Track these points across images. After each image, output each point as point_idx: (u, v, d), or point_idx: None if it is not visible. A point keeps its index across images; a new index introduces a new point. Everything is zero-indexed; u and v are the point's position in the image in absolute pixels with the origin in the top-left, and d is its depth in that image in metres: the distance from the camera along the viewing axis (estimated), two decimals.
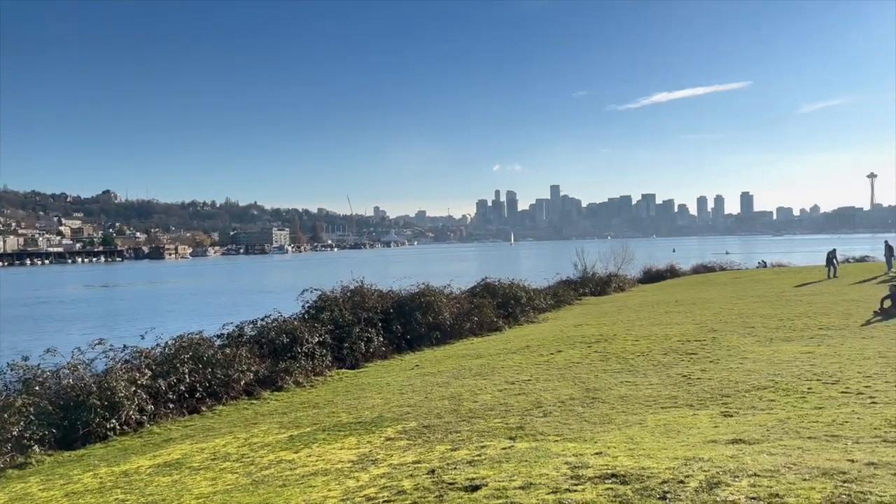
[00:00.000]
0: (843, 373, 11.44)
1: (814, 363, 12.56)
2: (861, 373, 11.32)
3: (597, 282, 41.76)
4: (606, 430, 8.83)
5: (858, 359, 12.68)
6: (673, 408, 9.99)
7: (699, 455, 6.77)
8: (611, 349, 16.53)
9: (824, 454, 6.51)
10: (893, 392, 9.67)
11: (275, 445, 10.33)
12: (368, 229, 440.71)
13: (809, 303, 23.62)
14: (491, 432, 9.40)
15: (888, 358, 12.52)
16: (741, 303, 25.54)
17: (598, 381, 12.76)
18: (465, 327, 23.85)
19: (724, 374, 12.31)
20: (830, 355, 13.29)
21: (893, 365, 11.79)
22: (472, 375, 14.98)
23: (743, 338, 16.54)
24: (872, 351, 13.40)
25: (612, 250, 50.07)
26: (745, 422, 8.60)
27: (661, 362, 14.19)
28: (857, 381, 10.63)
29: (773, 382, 11.12)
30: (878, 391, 9.82)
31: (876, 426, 7.70)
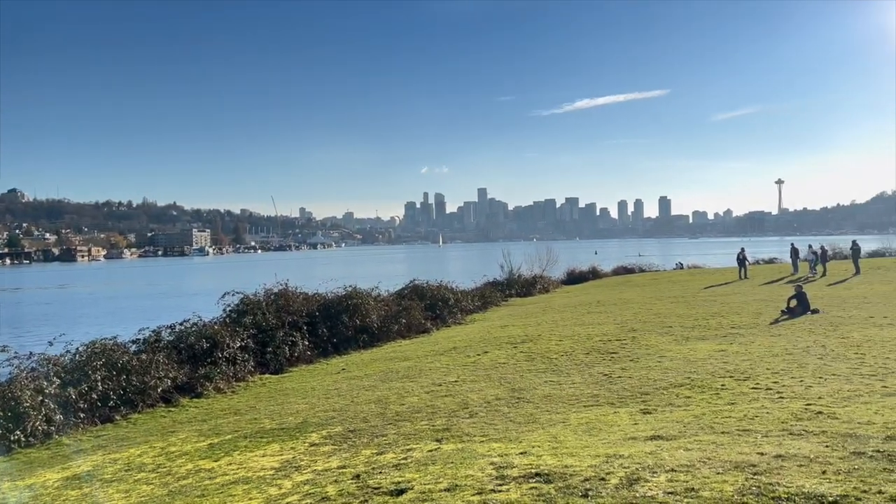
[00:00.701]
0: (754, 369, 12.00)
1: (727, 361, 13.13)
2: (770, 369, 11.90)
3: (522, 283, 42.38)
4: (531, 430, 8.94)
5: (767, 356, 13.33)
6: (595, 406, 10.22)
7: (620, 452, 6.94)
8: (536, 349, 16.79)
9: (736, 448, 6.79)
10: (799, 387, 10.20)
11: (193, 454, 9.97)
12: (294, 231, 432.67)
13: (722, 303, 24.69)
14: (417, 435, 9.36)
15: (794, 355, 13.22)
16: (659, 303, 26.44)
17: (524, 381, 12.93)
18: (393, 330, 23.74)
19: (644, 372, 12.70)
20: (742, 353, 13.91)
21: (799, 361, 12.45)
22: (399, 378, 14.91)
23: (661, 337, 17.12)
24: (780, 348, 14.11)
25: (537, 252, 50.92)
26: (663, 418, 8.88)
27: (584, 361, 14.51)
28: (766, 378, 11.17)
29: (689, 380, 11.54)
30: (785, 386, 10.34)
31: (783, 420, 8.09)
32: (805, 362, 12.26)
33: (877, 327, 16.15)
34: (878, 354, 12.50)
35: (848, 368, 11.37)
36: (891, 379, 10.24)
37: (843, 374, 10.97)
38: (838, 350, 13.33)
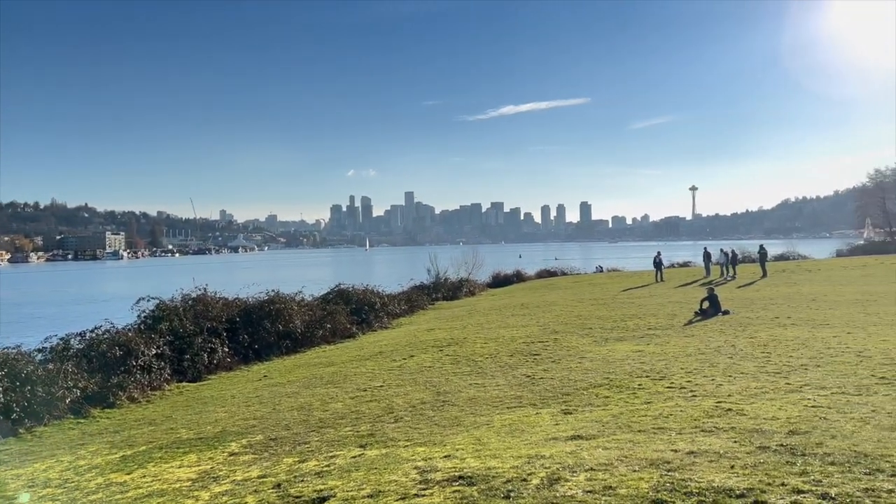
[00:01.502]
0: (669, 369, 12.46)
1: (643, 361, 13.58)
2: (683, 369, 12.38)
3: (449, 287, 42.65)
4: (455, 433, 8.98)
5: (681, 356, 13.86)
6: (518, 407, 10.36)
7: (541, 453, 7.06)
8: (461, 352, 16.90)
9: (652, 446, 7.03)
10: (710, 385, 10.66)
11: (104, 467, 9.50)
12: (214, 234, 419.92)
13: (640, 305, 25.54)
14: (341, 441, 9.24)
15: (706, 354, 13.80)
16: (580, 305, 27.12)
17: (449, 385, 12.98)
18: (318, 335, 23.38)
19: (565, 373, 12.98)
20: (658, 353, 14.42)
21: (711, 361, 13.01)
22: (323, 384, 14.70)
23: (581, 338, 17.55)
24: (693, 348, 14.71)
25: (463, 256, 51.35)
26: (584, 418, 9.09)
27: (508, 363, 14.70)
28: (680, 377, 11.61)
29: (608, 380, 11.87)
30: (697, 385, 10.78)
31: (696, 417, 8.43)
32: (716, 362, 12.82)
33: (781, 327, 17.06)
34: (782, 353, 13.20)
35: (755, 367, 11.96)
36: (794, 376, 10.83)
37: (750, 372, 11.53)
38: (746, 349, 14.00)
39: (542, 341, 17.51)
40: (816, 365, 11.62)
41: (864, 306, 20.32)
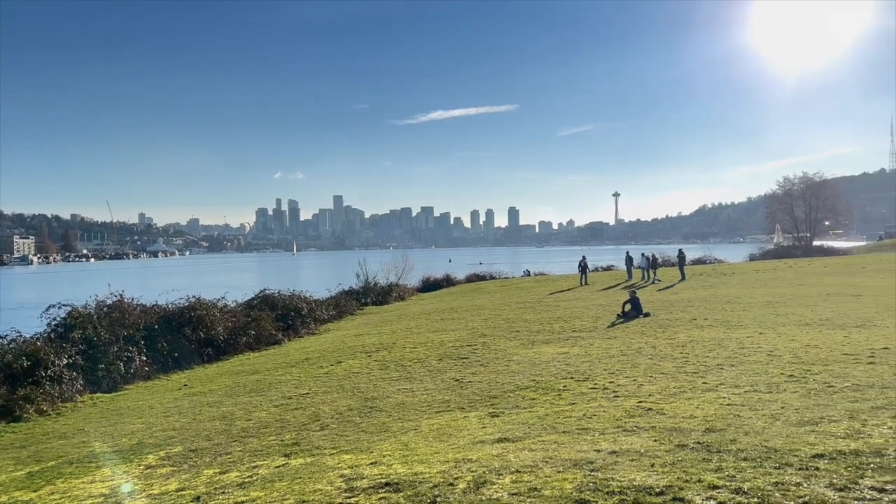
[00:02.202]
0: (593, 370, 12.73)
1: (568, 363, 13.83)
2: (607, 370, 12.68)
3: (378, 291, 42.39)
4: (383, 439, 8.89)
5: (605, 357, 14.20)
6: (446, 411, 10.36)
7: (468, 456, 7.07)
8: (390, 357, 16.79)
9: (576, 446, 7.14)
10: (632, 386, 10.94)
11: (8, 485, 8.93)
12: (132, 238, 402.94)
13: (565, 308, 26.06)
14: (265, 451, 9.00)
15: (628, 355, 14.18)
16: (508, 309, 27.44)
17: (377, 390, 12.86)
18: (242, 342, 22.79)
19: (493, 376, 13.07)
20: (582, 355, 14.73)
21: (633, 361, 13.37)
22: (246, 392, 14.31)
23: (509, 341, 17.74)
24: (616, 350, 15.09)
25: (393, 260, 51.18)
26: (510, 421, 9.17)
27: (437, 368, 14.70)
28: (603, 378, 11.88)
29: (534, 382, 12.03)
30: (619, 385, 11.05)
31: (618, 417, 8.63)
32: (638, 362, 13.19)
33: (699, 328, 17.73)
34: (699, 353, 13.70)
35: (674, 367, 12.37)
36: (710, 375, 11.25)
37: (669, 372, 11.91)
38: (666, 350, 14.47)
39: (470, 345, 17.60)
40: (731, 364, 12.11)
41: (775, 308, 21.36)
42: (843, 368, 10.85)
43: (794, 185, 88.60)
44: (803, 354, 12.54)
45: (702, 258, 62.36)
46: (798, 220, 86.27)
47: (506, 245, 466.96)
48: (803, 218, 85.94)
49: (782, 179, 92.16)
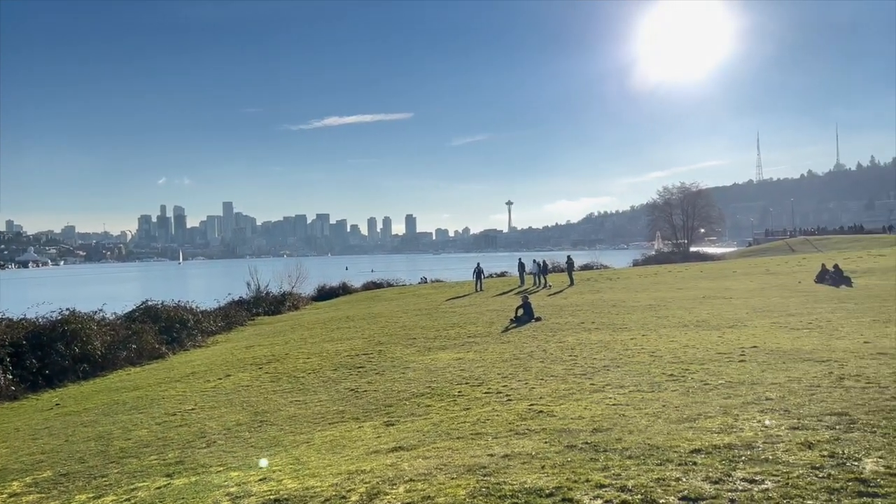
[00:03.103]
0: (487, 375, 12.90)
1: (464, 368, 13.95)
2: (500, 374, 12.88)
3: (271, 301, 41.23)
4: (274, 453, 8.59)
5: (498, 362, 14.43)
6: (340, 422, 10.16)
7: (362, 467, 6.94)
8: (282, 369, 16.32)
9: (470, 452, 7.17)
10: (524, 389, 11.17)
11: None
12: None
13: (461, 314, 26.34)
14: (145, 472, 8.47)
15: (521, 359, 14.49)
16: (405, 316, 27.40)
17: (268, 403, 12.45)
18: (121, 357, 21.46)
19: (389, 384, 12.97)
20: (477, 360, 14.90)
21: (525, 365, 13.66)
22: (126, 410, 13.46)
23: (406, 349, 17.69)
24: (509, 354, 15.38)
25: (286, 269, 49.95)
26: (406, 429, 9.10)
27: (331, 378, 14.42)
28: (497, 382, 12.05)
29: (430, 389, 12.03)
30: (513, 389, 11.24)
31: (511, 421, 8.76)
32: (529, 366, 13.49)
33: (587, 331, 18.38)
34: (587, 356, 14.19)
35: (563, 369, 12.74)
36: (597, 377, 11.67)
37: (559, 374, 12.25)
38: (556, 353, 14.89)
39: (366, 353, 17.40)
40: (616, 366, 12.61)
41: (656, 311, 22.51)
42: (717, 367, 11.54)
43: (673, 195, 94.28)
44: (682, 354, 13.25)
45: (589, 264, 64.88)
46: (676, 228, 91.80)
47: (403, 252, 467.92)
48: (681, 225, 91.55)
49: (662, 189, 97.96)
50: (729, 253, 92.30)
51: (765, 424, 7.19)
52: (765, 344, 13.78)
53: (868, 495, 4.91)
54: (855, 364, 10.67)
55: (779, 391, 8.99)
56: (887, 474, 5.31)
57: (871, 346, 12.64)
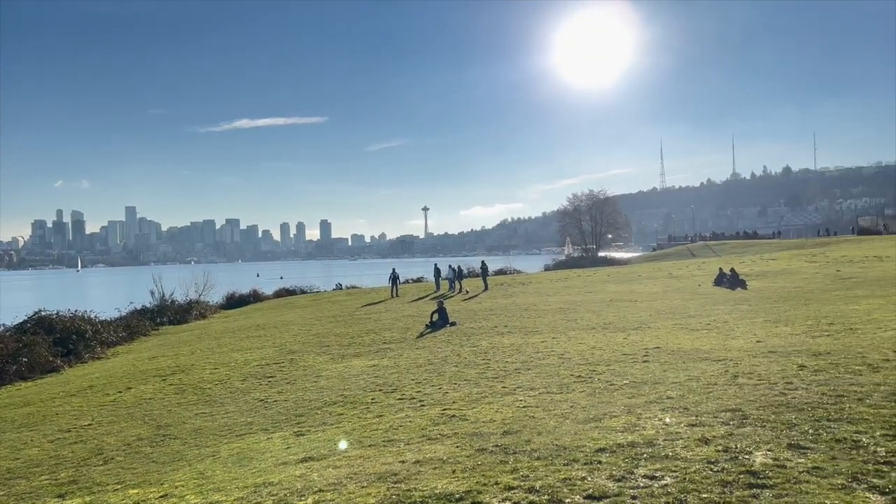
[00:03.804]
0: (401, 381, 12.85)
1: (378, 375, 13.85)
2: (414, 380, 12.86)
3: (176, 310, 39.64)
4: (176, 469, 8.24)
5: (413, 367, 14.41)
6: (248, 434, 9.86)
7: (270, 480, 6.75)
8: (188, 380, 15.70)
9: (381, 459, 7.11)
10: (438, 394, 11.19)
11: None
12: None
13: (376, 320, 26.17)
14: (34, 493, 7.94)
15: (435, 364, 14.52)
16: (318, 324, 26.96)
17: (172, 416, 11.95)
18: (11, 371, 20.10)
19: (300, 393, 12.71)
20: (391, 366, 14.83)
21: (439, 370, 13.70)
22: (14, 428, 12.58)
23: (319, 357, 17.40)
24: (424, 359, 15.39)
25: (193, 276, 48.14)
26: (316, 439, 8.93)
27: (239, 388, 13.99)
28: (411, 388, 12.03)
29: (342, 397, 11.87)
30: (426, 395, 11.25)
31: (423, 426, 8.76)
32: (443, 371, 13.54)
33: (500, 335, 18.65)
34: (500, 359, 14.39)
35: (477, 373, 12.86)
36: (508, 380, 11.84)
37: (472, 378, 12.36)
38: (470, 357, 15.03)
39: (277, 363, 17.00)
40: (527, 368, 12.85)
41: (566, 314, 23.12)
42: (622, 367, 11.95)
43: (582, 202, 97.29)
44: (590, 356, 13.65)
45: (503, 269, 65.98)
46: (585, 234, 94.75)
47: (318, 258, 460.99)
48: (590, 231, 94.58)
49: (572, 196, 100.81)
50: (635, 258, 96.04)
51: (665, 422, 7.49)
52: (667, 345, 14.38)
53: (757, 486, 5.19)
54: (748, 362, 11.29)
55: (679, 390, 9.40)
56: (775, 466, 5.63)
57: (762, 344, 13.42)
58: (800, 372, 9.95)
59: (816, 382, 9.05)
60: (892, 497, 4.85)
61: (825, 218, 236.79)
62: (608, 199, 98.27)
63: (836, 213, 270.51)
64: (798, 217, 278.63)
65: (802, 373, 9.87)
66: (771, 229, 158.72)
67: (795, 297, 23.15)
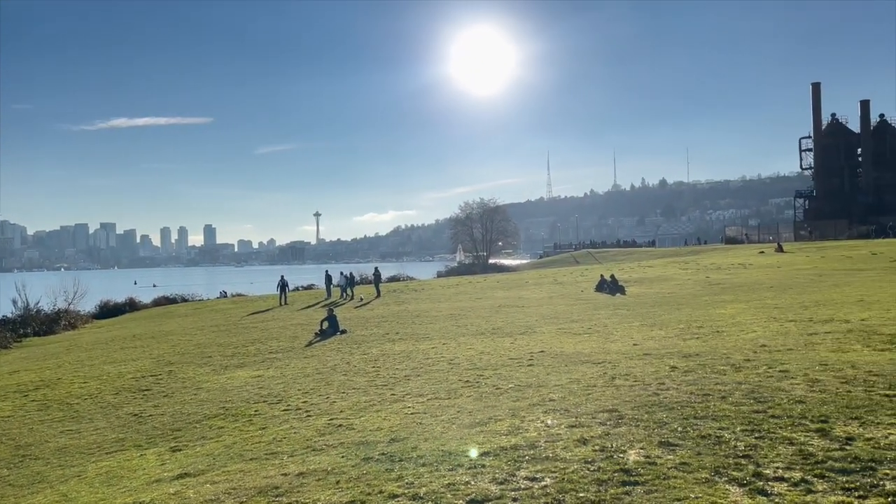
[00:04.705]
0: (287, 392, 12.51)
1: (262, 386, 13.42)
2: (301, 390, 12.56)
3: (42, 320, 36.79)
4: (36, 491, 7.61)
5: (300, 377, 14.08)
6: (119, 451, 9.26)
7: (140, 499, 6.37)
8: (53, 395, 14.58)
9: (263, 473, 6.88)
10: (325, 404, 10.98)
11: None
12: None
13: (263, 329, 25.40)
14: None
15: (323, 373, 14.25)
16: (200, 333, 25.84)
17: (33, 435, 11.04)
18: None
19: (178, 407, 12.10)
20: (277, 377, 14.41)
21: (327, 379, 13.46)
22: None
23: (199, 368, 16.65)
24: (312, 369, 15.07)
25: (62, 284, 44.85)
26: (194, 454, 8.52)
27: (111, 403, 13.14)
28: (297, 398, 11.73)
29: (224, 409, 11.40)
30: (313, 405, 11.01)
31: (308, 437, 8.56)
32: (332, 380, 13.31)
33: (391, 342, 18.59)
34: (390, 366, 14.33)
35: (366, 381, 12.73)
36: (398, 387, 11.81)
37: (361, 387, 12.22)
38: (360, 365, 14.86)
39: (154, 375, 16.11)
40: (417, 375, 12.87)
41: (456, 319, 23.39)
42: (509, 371, 12.21)
43: (473, 210, 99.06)
44: (478, 361, 13.86)
45: (396, 276, 65.92)
46: (477, 241, 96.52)
47: (202, 265, 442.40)
48: (481, 239, 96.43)
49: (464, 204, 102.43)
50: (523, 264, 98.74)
51: (547, 424, 7.71)
52: (551, 348, 14.85)
53: (630, 484, 5.44)
54: (625, 364, 11.85)
55: (561, 392, 9.71)
56: (646, 463, 5.92)
57: (639, 347, 14.13)
58: (671, 373, 10.54)
59: (686, 382, 9.61)
60: (749, 488, 5.22)
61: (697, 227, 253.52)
62: (498, 207, 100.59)
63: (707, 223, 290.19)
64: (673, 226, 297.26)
65: (674, 373, 10.46)
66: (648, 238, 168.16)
67: (669, 302, 24.57)
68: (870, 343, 11.90)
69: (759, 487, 5.20)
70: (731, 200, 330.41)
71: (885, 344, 11.68)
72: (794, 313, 17.60)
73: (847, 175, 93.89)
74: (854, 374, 9.22)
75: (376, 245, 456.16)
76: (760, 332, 14.55)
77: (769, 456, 5.92)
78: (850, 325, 14.48)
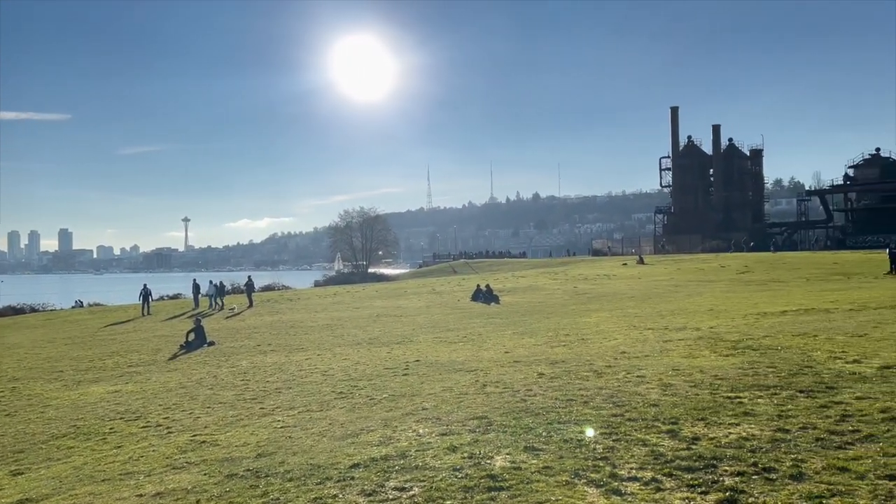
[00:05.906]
0: (147, 408, 11.79)
1: (119, 402, 12.57)
2: (163, 405, 11.88)
3: None
4: None
5: (162, 392, 13.32)
6: None
7: None
8: None
9: (115, 494, 6.44)
10: (188, 419, 10.45)
11: None
12: None
13: (122, 341, 23.84)
14: None
15: (188, 388, 13.56)
16: (51, 346, 23.85)
17: None
18: None
19: (21, 426, 11.09)
20: (137, 392, 13.56)
21: (192, 394, 12.82)
22: None
23: (48, 384, 15.37)
24: (175, 383, 14.30)
25: None
26: (38, 477, 7.83)
27: None
28: (158, 414, 11.08)
29: (74, 428, 10.57)
30: (175, 421, 10.44)
31: (168, 455, 8.10)
32: (197, 394, 12.70)
33: (262, 354, 18.01)
34: (260, 379, 13.87)
35: (234, 395, 12.25)
36: (268, 400, 11.45)
37: (229, 401, 11.74)
38: (228, 379, 14.28)
39: None
40: (289, 387, 12.54)
41: (333, 330, 23.06)
42: (383, 381, 12.18)
43: (353, 219, 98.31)
44: (353, 371, 13.72)
45: (271, 285, 64.12)
46: (356, 250, 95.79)
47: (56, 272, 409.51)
48: (361, 247, 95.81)
49: (343, 213, 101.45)
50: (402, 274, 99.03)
51: (419, 433, 7.76)
52: (426, 357, 14.97)
53: (496, 489, 5.57)
54: (496, 372, 12.16)
55: (434, 400, 9.81)
56: (512, 468, 6.09)
57: (510, 355, 14.54)
58: (539, 379, 10.93)
59: (552, 388, 10.00)
60: (605, 489, 5.50)
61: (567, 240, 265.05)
62: (378, 216, 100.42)
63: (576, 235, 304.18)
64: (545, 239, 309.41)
65: (541, 380, 10.86)
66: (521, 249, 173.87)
67: (540, 310, 25.51)
68: (716, 349, 12.92)
69: (614, 488, 5.49)
70: (598, 214, 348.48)
71: (729, 349, 12.73)
72: (652, 321, 18.81)
73: (700, 193, 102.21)
74: (702, 378, 9.97)
75: (250, 253, 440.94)
76: (621, 340, 15.42)
77: (624, 457, 6.27)
78: (700, 332, 15.67)
